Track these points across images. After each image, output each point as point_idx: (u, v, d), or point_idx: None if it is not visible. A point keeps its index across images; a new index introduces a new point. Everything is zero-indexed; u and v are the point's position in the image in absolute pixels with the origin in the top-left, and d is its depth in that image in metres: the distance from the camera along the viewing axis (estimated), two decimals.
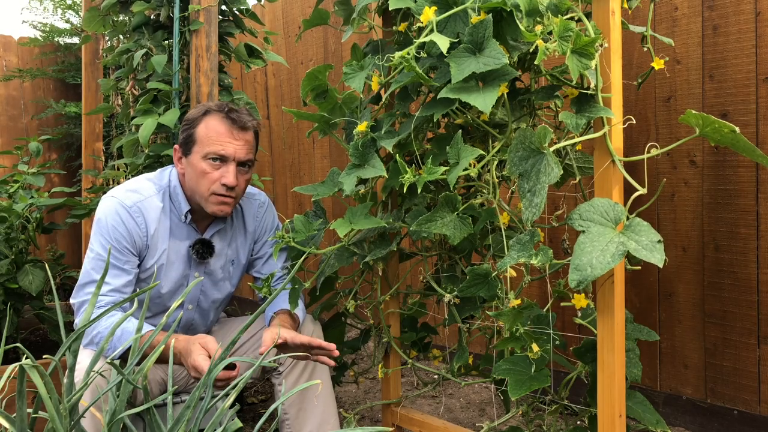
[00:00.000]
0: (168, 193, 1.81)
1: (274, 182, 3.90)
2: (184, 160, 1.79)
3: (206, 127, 1.73)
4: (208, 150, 1.71)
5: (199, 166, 1.73)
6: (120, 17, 2.58)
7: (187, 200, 1.81)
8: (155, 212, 1.77)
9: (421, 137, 1.69)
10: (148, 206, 1.77)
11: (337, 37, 3.36)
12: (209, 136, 1.72)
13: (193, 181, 1.75)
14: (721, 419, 2.08)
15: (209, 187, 1.73)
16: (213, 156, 1.71)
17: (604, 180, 1.34)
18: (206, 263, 1.86)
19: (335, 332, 2.08)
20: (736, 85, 1.98)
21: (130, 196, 1.76)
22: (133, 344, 1.26)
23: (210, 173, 1.72)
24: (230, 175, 1.71)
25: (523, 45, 1.41)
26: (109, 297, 1.70)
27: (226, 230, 1.90)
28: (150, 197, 1.78)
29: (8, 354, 2.72)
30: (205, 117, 1.75)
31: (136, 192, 1.78)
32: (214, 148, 1.71)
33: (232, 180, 1.71)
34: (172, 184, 1.82)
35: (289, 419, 1.84)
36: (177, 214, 1.81)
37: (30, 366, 1.02)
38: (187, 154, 1.77)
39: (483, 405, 2.52)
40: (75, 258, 4.34)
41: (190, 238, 1.83)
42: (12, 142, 4.29)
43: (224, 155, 1.72)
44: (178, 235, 1.82)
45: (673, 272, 2.17)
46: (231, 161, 1.72)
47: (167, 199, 1.80)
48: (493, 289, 1.47)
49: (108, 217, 1.73)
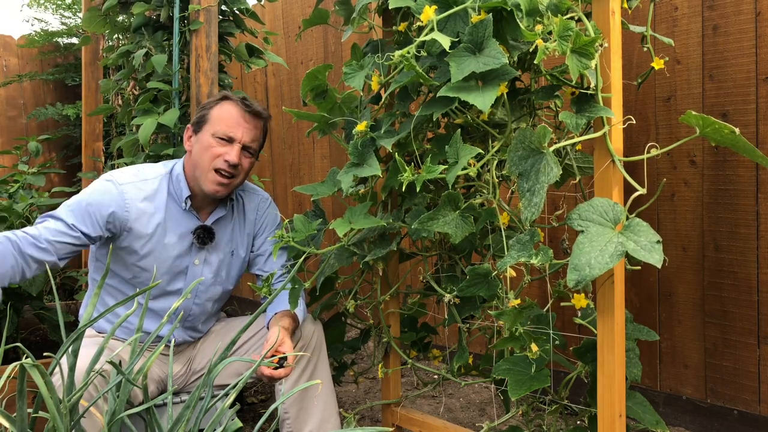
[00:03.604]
0: (170, 180, 1.86)
1: (274, 182, 3.90)
2: (193, 138, 1.86)
3: (220, 110, 1.83)
4: (217, 128, 1.81)
5: (207, 141, 1.81)
6: (120, 18, 2.58)
7: (188, 185, 1.84)
8: (148, 193, 1.81)
9: (420, 137, 1.69)
10: (143, 187, 1.81)
11: (337, 37, 3.36)
12: (222, 117, 1.82)
13: (198, 155, 1.82)
14: (721, 419, 2.08)
15: (212, 161, 1.79)
16: (221, 135, 1.80)
17: (604, 180, 1.34)
18: (206, 249, 1.89)
19: (335, 332, 2.07)
20: (736, 85, 1.98)
21: (127, 176, 1.82)
22: (133, 345, 1.26)
23: (215, 148, 1.80)
24: (234, 153, 1.79)
25: (523, 45, 1.41)
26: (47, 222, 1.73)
27: (227, 219, 1.93)
28: (147, 180, 1.83)
29: (8, 354, 2.72)
30: (222, 101, 1.85)
31: (134, 175, 1.84)
32: (223, 128, 1.80)
33: (234, 158, 1.79)
34: (175, 172, 1.87)
35: (290, 419, 1.84)
36: (177, 202, 1.85)
37: (30, 365, 1.02)
38: (198, 131, 1.84)
39: (483, 405, 2.52)
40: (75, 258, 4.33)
41: (191, 225, 1.86)
42: (12, 142, 4.29)
43: (232, 137, 1.80)
44: (177, 221, 1.84)
45: (673, 272, 2.17)
46: (237, 143, 1.81)
47: (167, 184, 1.85)
48: (493, 289, 1.47)
49: (96, 185, 1.80)
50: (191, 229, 1.85)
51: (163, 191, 1.83)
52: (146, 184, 1.82)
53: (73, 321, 2.95)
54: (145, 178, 1.83)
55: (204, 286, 1.91)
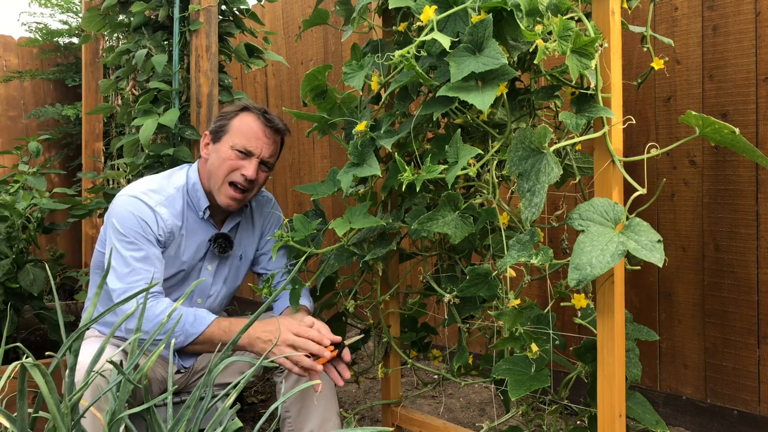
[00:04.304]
0: (187, 191, 1.85)
1: (274, 182, 3.91)
2: (211, 146, 1.85)
3: (241, 122, 1.81)
4: (237, 141, 1.79)
5: (225, 153, 1.79)
6: (120, 17, 2.58)
7: (206, 195, 1.84)
8: (175, 209, 1.81)
9: (420, 137, 1.69)
10: (169, 204, 1.80)
11: (337, 37, 3.36)
12: (242, 129, 1.80)
13: (215, 166, 1.80)
14: (721, 419, 2.08)
15: (228, 174, 1.79)
16: (240, 148, 1.79)
17: (604, 180, 1.34)
18: (226, 256, 1.90)
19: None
20: (736, 85, 1.98)
21: (152, 196, 1.79)
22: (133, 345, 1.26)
23: (233, 161, 1.78)
24: (251, 168, 1.78)
25: (522, 45, 1.41)
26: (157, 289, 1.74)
27: (239, 225, 1.94)
28: (170, 196, 1.82)
29: (8, 354, 2.73)
30: (242, 112, 1.83)
31: (156, 192, 1.81)
32: (243, 141, 1.79)
33: (251, 173, 1.78)
34: (191, 182, 1.86)
35: (291, 418, 1.85)
36: (195, 211, 1.85)
37: (31, 365, 1.02)
38: (216, 141, 1.83)
39: (483, 405, 2.52)
40: (75, 258, 4.34)
41: (207, 233, 1.87)
42: (12, 142, 4.29)
43: (251, 150, 1.79)
44: (194, 230, 1.85)
45: (673, 272, 2.17)
46: (255, 157, 1.80)
47: (185, 196, 1.85)
48: (493, 289, 1.47)
49: (133, 212, 1.74)
50: (208, 237, 1.87)
51: (182, 201, 1.84)
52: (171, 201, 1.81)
53: (73, 321, 2.95)
54: (169, 195, 1.82)
55: (215, 290, 1.94)
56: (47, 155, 4.43)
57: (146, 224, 1.74)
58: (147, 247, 1.73)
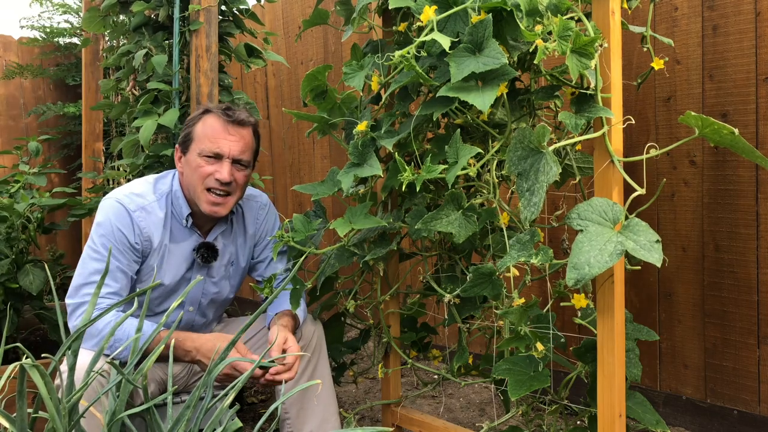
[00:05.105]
0: (170, 198, 1.82)
1: (274, 182, 3.90)
2: (183, 159, 1.81)
3: (203, 125, 1.76)
4: (203, 146, 1.74)
5: (195, 162, 1.75)
6: (120, 17, 2.58)
7: (188, 203, 1.81)
8: (156, 216, 1.78)
9: (420, 137, 1.69)
10: (150, 210, 1.77)
11: (337, 37, 3.36)
12: (206, 133, 1.75)
13: (189, 178, 1.77)
14: (721, 419, 2.08)
15: (203, 181, 1.74)
16: (208, 153, 1.73)
17: (604, 180, 1.34)
18: (212, 266, 1.87)
19: (335, 332, 2.08)
20: (736, 85, 1.98)
21: (133, 199, 1.77)
22: (134, 344, 1.26)
23: (204, 167, 1.73)
24: (224, 170, 1.73)
25: (522, 45, 1.41)
26: (109, 299, 1.70)
27: (227, 232, 1.90)
28: (152, 202, 1.79)
29: (8, 354, 2.73)
30: (203, 116, 1.78)
31: (139, 196, 1.78)
32: (208, 145, 1.73)
33: (225, 176, 1.72)
34: (174, 189, 1.83)
35: (290, 419, 1.85)
36: (178, 219, 1.82)
37: (30, 365, 1.02)
38: (185, 151, 1.79)
39: (483, 405, 2.52)
40: (75, 258, 4.32)
41: (192, 242, 1.84)
42: (12, 142, 4.28)
43: (218, 152, 1.74)
44: (179, 238, 1.82)
45: (673, 272, 2.17)
46: (225, 158, 1.74)
47: (168, 204, 1.81)
48: (497, 289, 1.46)
49: (111, 219, 1.73)
50: (193, 246, 1.83)
51: (166, 210, 1.80)
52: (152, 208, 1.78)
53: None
54: (150, 201, 1.79)
55: (206, 298, 1.91)
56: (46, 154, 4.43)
57: (121, 233, 1.71)
58: (113, 260, 1.70)
